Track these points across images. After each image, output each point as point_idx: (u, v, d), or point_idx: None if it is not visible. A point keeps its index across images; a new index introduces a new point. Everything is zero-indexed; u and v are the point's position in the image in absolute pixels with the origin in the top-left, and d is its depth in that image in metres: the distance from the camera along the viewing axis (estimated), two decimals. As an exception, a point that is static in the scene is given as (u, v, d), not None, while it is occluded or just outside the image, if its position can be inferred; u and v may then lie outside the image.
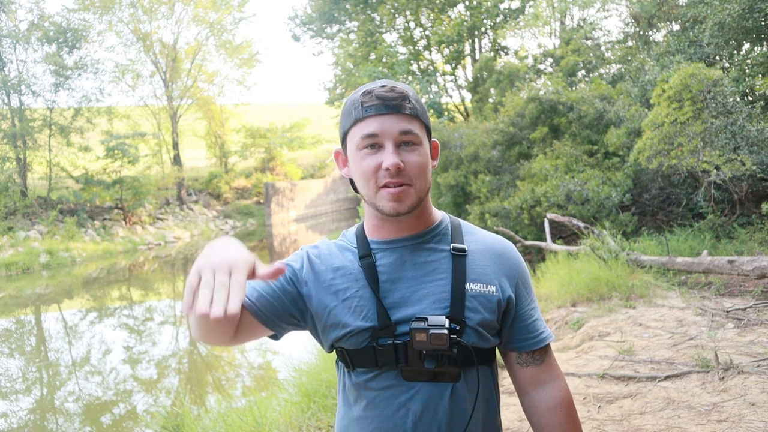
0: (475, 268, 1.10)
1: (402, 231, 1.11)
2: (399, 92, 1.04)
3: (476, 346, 1.07)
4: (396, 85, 1.05)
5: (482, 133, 11.60)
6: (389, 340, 1.05)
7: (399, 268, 1.09)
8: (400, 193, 1.03)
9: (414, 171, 1.04)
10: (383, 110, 1.02)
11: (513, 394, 3.48)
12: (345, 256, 1.14)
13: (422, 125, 1.07)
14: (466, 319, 1.06)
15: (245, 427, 3.51)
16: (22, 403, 6.72)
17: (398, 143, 1.03)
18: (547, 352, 1.17)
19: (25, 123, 20.30)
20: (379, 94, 1.03)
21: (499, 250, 1.14)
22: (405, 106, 1.03)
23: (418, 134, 1.05)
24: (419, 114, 1.05)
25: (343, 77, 23.34)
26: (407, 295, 1.07)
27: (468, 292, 1.07)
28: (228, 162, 31.13)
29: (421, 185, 1.06)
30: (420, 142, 1.05)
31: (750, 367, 3.26)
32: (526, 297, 1.15)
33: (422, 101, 1.08)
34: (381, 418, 1.07)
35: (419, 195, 1.06)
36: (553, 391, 1.14)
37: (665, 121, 7.28)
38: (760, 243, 6.46)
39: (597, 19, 17.22)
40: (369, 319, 1.06)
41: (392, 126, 1.02)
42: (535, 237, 9.10)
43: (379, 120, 1.03)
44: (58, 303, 12.46)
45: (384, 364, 1.06)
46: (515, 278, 1.13)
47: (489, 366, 1.13)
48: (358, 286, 1.09)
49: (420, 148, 1.05)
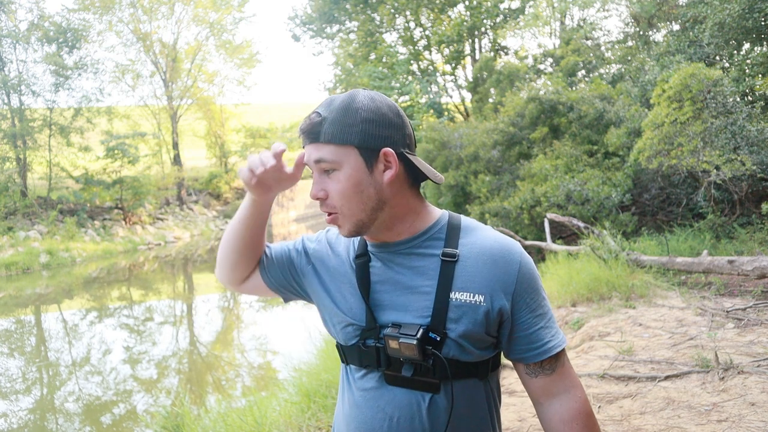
0: (463, 276, 1.04)
1: (389, 237, 1.09)
2: (311, 121, 1.02)
3: (456, 358, 1.02)
4: (319, 109, 1.03)
5: (482, 133, 11.60)
6: (373, 342, 1.05)
7: (389, 272, 1.08)
8: (332, 221, 1.06)
9: (334, 198, 1.03)
10: (306, 141, 1.05)
11: (513, 394, 3.48)
12: (347, 251, 1.16)
13: (341, 147, 1.01)
14: (447, 330, 1.01)
15: (245, 427, 3.51)
16: (22, 403, 6.72)
17: (321, 171, 1.04)
18: (558, 361, 1.08)
19: (25, 123, 20.31)
20: (301, 127, 1.05)
21: (497, 255, 1.06)
22: (319, 133, 1.01)
23: (333, 159, 1.01)
24: (336, 137, 1.01)
25: (343, 77, 23.34)
26: (393, 300, 1.06)
27: (452, 302, 1.02)
28: (228, 162, 31.14)
29: (351, 209, 1.03)
30: (337, 166, 1.01)
31: (750, 367, 3.26)
32: (529, 304, 1.06)
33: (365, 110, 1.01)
34: (361, 419, 1.08)
35: (354, 218, 1.04)
36: (568, 402, 1.07)
37: (665, 121, 7.28)
38: (760, 243, 6.46)
39: (597, 19, 17.23)
40: (357, 318, 1.08)
41: (311, 155, 1.04)
42: (535, 237, 9.10)
43: (306, 150, 1.05)
44: (58, 303, 12.46)
45: (368, 365, 1.07)
46: (512, 285, 1.05)
47: (481, 380, 1.08)
48: (352, 282, 1.11)
49: (339, 173, 1.02)
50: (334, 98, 1.05)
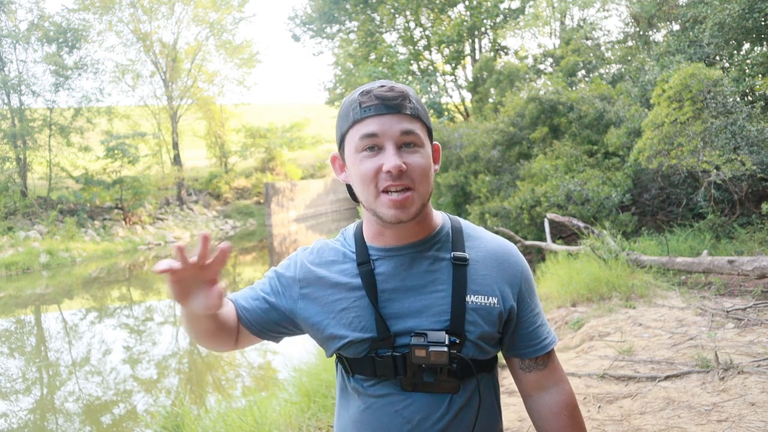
0: (476, 279, 1.05)
1: (402, 239, 1.06)
2: (399, 91, 0.99)
3: (475, 358, 1.04)
4: (395, 84, 1.01)
5: (482, 133, 11.60)
6: (388, 352, 1.03)
7: (399, 278, 1.05)
8: (404, 200, 0.98)
9: (417, 174, 0.98)
10: (383, 110, 0.97)
11: (512, 394, 3.48)
12: (341, 262, 1.10)
13: (424, 126, 1.02)
14: (467, 332, 1.03)
15: (245, 427, 3.51)
16: (22, 403, 6.72)
17: (399, 144, 0.98)
18: (550, 357, 1.14)
19: (25, 123, 20.30)
20: (379, 94, 0.98)
21: (501, 257, 1.09)
22: (406, 106, 0.98)
23: (420, 135, 1.00)
24: (420, 115, 1.01)
25: (343, 77, 23.35)
26: (407, 306, 1.04)
27: (468, 305, 1.03)
28: (228, 162, 31.13)
29: (424, 190, 1.01)
30: (422, 143, 1.00)
31: (750, 367, 3.26)
32: (529, 304, 1.11)
33: (423, 102, 1.06)
34: (377, 424, 1.06)
35: (422, 200, 1.01)
36: (557, 395, 1.12)
37: (665, 121, 7.28)
38: (760, 243, 6.46)
39: (597, 19, 17.23)
40: (368, 330, 1.04)
41: (393, 126, 0.97)
42: (535, 237, 9.10)
43: (378, 120, 0.97)
44: (58, 303, 12.45)
45: (383, 375, 1.04)
46: (518, 285, 1.09)
47: (489, 373, 1.11)
48: (354, 296, 1.06)
49: (422, 150, 1.00)
50: (392, 82, 1.03)
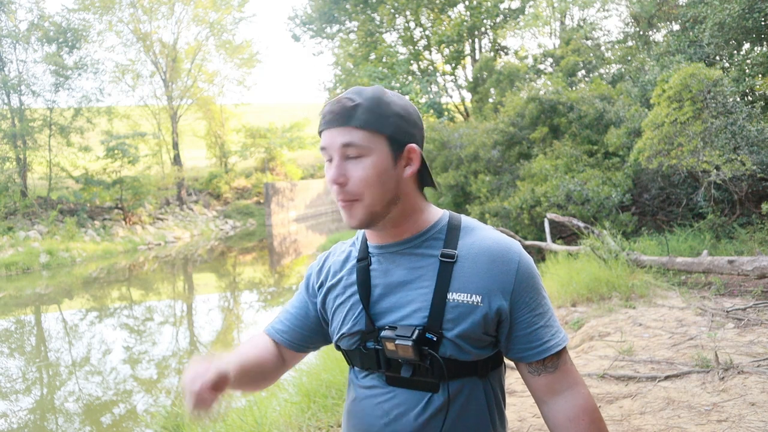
0: (461, 276, 1.05)
1: (389, 237, 1.10)
2: (344, 104, 1.02)
3: (454, 358, 1.03)
4: (349, 94, 1.03)
5: (482, 133, 11.61)
6: (373, 345, 1.08)
7: (389, 274, 1.09)
8: (346, 208, 1.04)
9: (357, 185, 1.02)
10: (330, 124, 1.03)
11: (512, 394, 3.48)
12: (348, 260, 1.18)
13: (373, 135, 1.02)
14: (444, 330, 1.02)
15: (245, 427, 3.51)
16: (22, 403, 6.72)
17: (344, 156, 1.02)
18: (560, 359, 1.09)
19: (25, 123, 20.30)
20: (327, 108, 1.04)
21: (495, 255, 1.06)
22: (352, 117, 1.01)
23: (364, 145, 1.01)
24: (370, 123, 1.01)
25: (343, 77, 23.33)
26: (393, 302, 1.07)
27: (449, 303, 1.03)
28: (228, 162, 31.14)
29: (373, 198, 1.03)
30: (366, 153, 1.01)
31: (750, 367, 3.26)
32: (528, 303, 1.07)
33: (396, 105, 1.04)
34: (361, 414, 1.11)
35: (371, 208, 1.03)
36: (573, 399, 1.07)
37: (665, 121, 7.28)
38: (760, 243, 6.47)
39: (597, 19, 17.25)
40: (358, 323, 1.10)
41: (336, 139, 1.02)
42: (535, 237, 9.10)
43: (328, 133, 1.04)
44: (58, 303, 12.45)
45: (369, 367, 1.10)
46: (510, 285, 1.05)
47: (481, 378, 1.08)
48: (351, 291, 1.13)
49: (366, 160, 1.01)
50: (362, 89, 1.06)
